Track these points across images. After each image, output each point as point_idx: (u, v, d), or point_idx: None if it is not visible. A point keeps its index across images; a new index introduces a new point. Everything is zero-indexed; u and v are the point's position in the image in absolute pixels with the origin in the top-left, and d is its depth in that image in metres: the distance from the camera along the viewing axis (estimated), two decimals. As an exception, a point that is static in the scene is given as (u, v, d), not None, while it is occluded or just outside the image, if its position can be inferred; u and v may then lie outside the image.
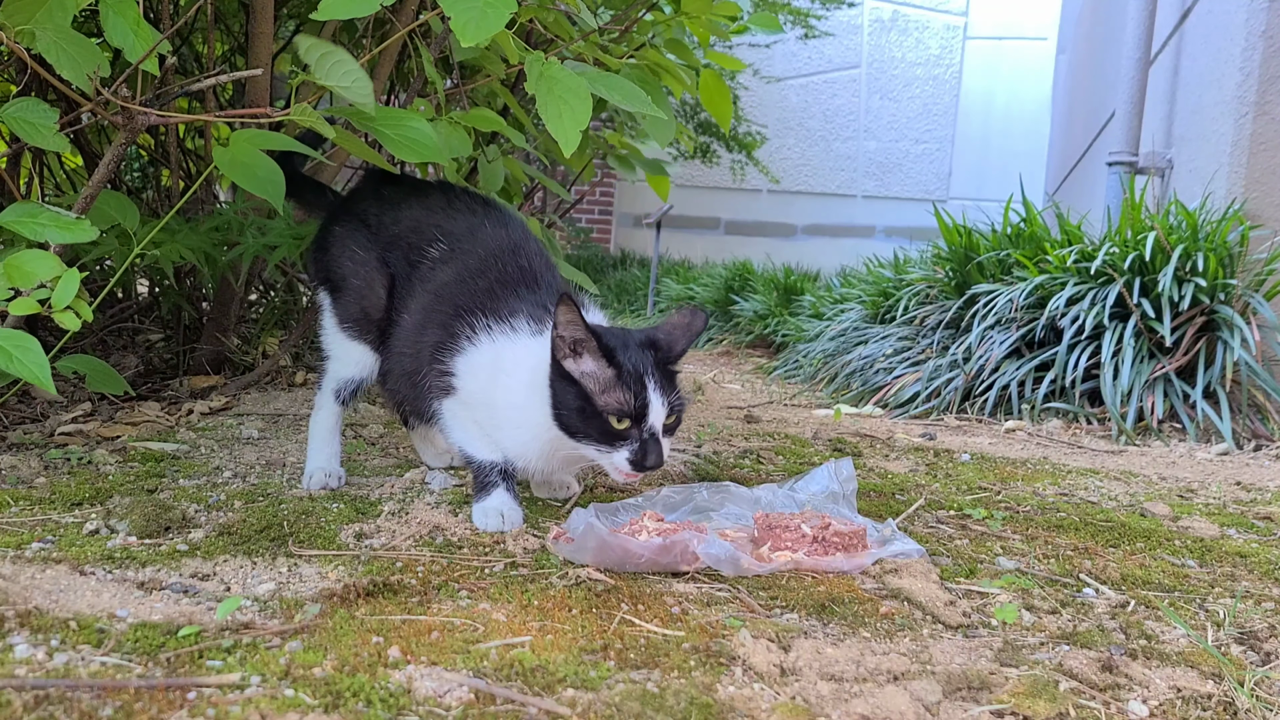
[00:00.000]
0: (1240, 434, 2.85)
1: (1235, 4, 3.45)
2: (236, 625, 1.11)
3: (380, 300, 1.77)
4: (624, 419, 1.46)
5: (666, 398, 1.48)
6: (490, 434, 1.62)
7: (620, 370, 1.47)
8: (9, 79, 2.49)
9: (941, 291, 3.95)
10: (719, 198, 10.39)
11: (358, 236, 1.80)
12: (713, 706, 0.97)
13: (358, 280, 1.78)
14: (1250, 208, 3.30)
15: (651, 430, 1.46)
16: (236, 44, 3.15)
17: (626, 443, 1.47)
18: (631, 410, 1.45)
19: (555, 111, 1.63)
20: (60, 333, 2.24)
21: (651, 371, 1.48)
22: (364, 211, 1.84)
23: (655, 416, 1.46)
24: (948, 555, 1.57)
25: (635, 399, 1.45)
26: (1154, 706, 1.05)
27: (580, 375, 1.48)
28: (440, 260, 1.72)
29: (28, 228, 1.60)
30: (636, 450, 1.46)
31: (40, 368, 1.51)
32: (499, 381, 1.57)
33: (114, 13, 1.61)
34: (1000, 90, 10.00)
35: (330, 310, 1.84)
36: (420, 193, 1.86)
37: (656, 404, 1.46)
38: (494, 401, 1.59)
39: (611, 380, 1.46)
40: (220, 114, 1.74)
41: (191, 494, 1.71)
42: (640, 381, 1.46)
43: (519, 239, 1.76)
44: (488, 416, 1.61)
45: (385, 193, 1.86)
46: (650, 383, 1.47)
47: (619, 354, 1.48)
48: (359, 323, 1.79)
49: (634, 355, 1.49)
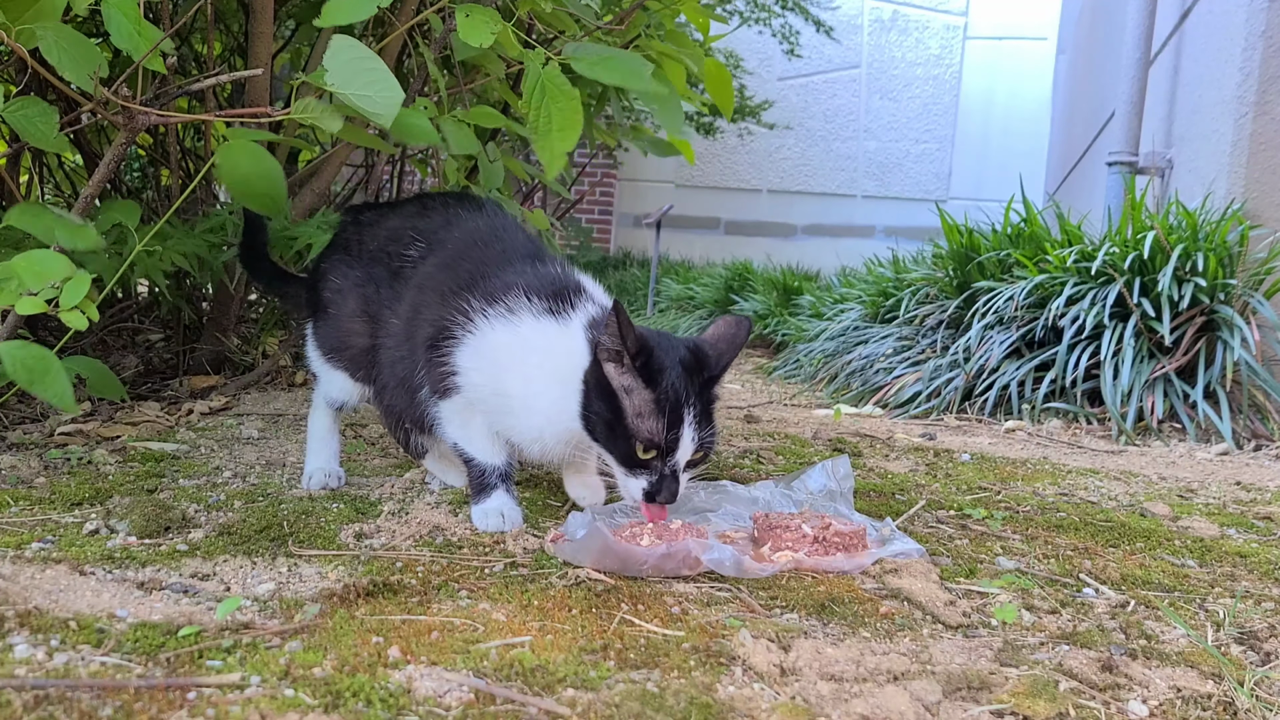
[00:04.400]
0: (1240, 434, 2.85)
1: (1235, 4, 3.45)
2: (236, 625, 1.11)
3: (360, 328, 1.75)
4: (651, 449, 1.42)
5: (699, 433, 1.43)
6: (499, 423, 1.58)
7: (659, 396, 1.41)
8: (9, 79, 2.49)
9: (942, 291, 3.95)
10: (719, 198, 10.39)
11: (338, 267, 1.79)
12: (713, 706, 0.97)
13: (334, 310, 1.78)
14: (1250, 207, 3.30)
15: (674, 466, 1.41)
16: (236, 44, 3.15)
17: (646, 472, 1.43)
18: (661, 443, 1.41)
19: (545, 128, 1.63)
20: (59, 331, 2.24)
21: (692, 400, 1.42)
22: (345, 240, 1.83)
23: (683, 453, 1.41)
24: (948, 555, 1.57)
25: (667, 431, 1.40)
26: (1154, 706, 1.05)
27: (619, 387, 1.43)
28: (420, 258, 1.70)
29: (36, 228, 1.61)
30: (654, 483, 1.41)
31: (63, 388, 1.51)
32: (510, 369, 1.53)
33: (117, 11, 1.61)
34: (1000, 90, 10.00)
35: (312, 338, 1.85)
36: (395, 208, 1.87)
37: (688, 439, 1.41)
38: (505, 391, 1.54)
39: (648, 404, 1.41)
40: (220, 114, 1.75)
41: (191, 494, 1.71)
42: (677, 412, 1.41)
43: (499, 222, 1.73)
44: (498, 405, 1.56)
45: (364, 217, 1.86)
46: (687, 415, 1.41)
47: (661, 377, 1.42)
48: (338, 352, 1.79)
49: (676, 378, 1.43)
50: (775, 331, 5.72)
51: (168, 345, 3.04)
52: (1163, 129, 4.26)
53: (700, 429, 1.43)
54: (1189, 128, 3.93)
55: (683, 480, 1.45)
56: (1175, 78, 4.23)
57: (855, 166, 10.31)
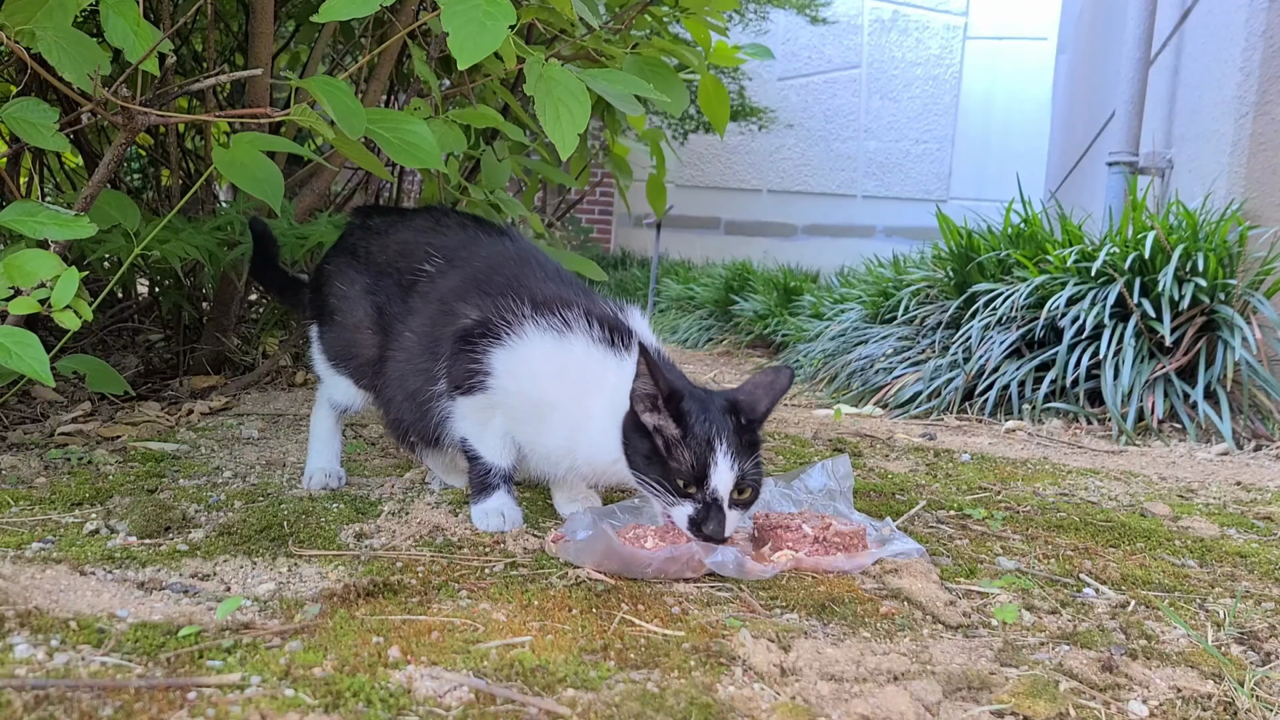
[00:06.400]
0: (1240, 434, 2.85)
1: (1235, 4, 3.45)
2: (236, 625, 1.11)
3: (367, 339, 1.75)
4: (688, 481, 1.41)
5: (739, 465, 1.42)
6: (523, 432, 1.57)
7: (687, 432, 1.42)
8: (9, 79, 2.49)
9: (941, 291, 3.95)
10: (719, 198, 10.39)
11: (346, 272, 1.79)
12: (713, 706, 0.97)
13: (340, 317, 1.78)
14: (1250, 207, 3.30)
15: (715, 496, 1.40)
16: (237, 44, 3.15)
17: (690, 500, 1.41)
18: (691, 474, 1.40)
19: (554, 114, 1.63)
20: (60, 332, 2.24)
21: (725, 437, 1.42)
22: (353, 245, 1.83)
23: (720, 482, 1.40)
24: (948, 555, 1.57)
25: (696, 462, 1.40)
26: (1154, 706, 1.05)
27: (653, 429, 1.44)
28: (438, 274, 1.68)
29: (27, 226, 1.60)
30: (700, 511, 1.40)
31: (39, 362, 1.51)
32: (557, 385, 1.52)
33: (114, 13, 1.61)
34: (1000, 90, 10.00)
35: (317, 342, 1.85)
36: (406, 218, 1.86)
37: (724, 469, 1.40)
38: (548, 403, 1.53)
39: (676, 439, 1.42)
40: (220, 114, 1.75)
41: (191, 494, 1.71)
42: (708, 445, 1.41)
43: (526, 247, 1.73)
44: (529, 414, 1.55)
45: (372, 223, 1.86)
46: (720, 447, 1.41)
47: (692, 417, 1.43)
48: (344, 360, 1.79)
49: (707, 418, 1.43)
50: (775, 331, 5.72)
51: (168, 345, 3.04)
52: (1163, 129, 4.26)
53: (739, 461, 1.42)
54: (1189, 128, 3.93)
55: (731, 518, 1.41)
56: (1175, 78, 4.23)
57: (855, 166, 10.31)
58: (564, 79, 1.66)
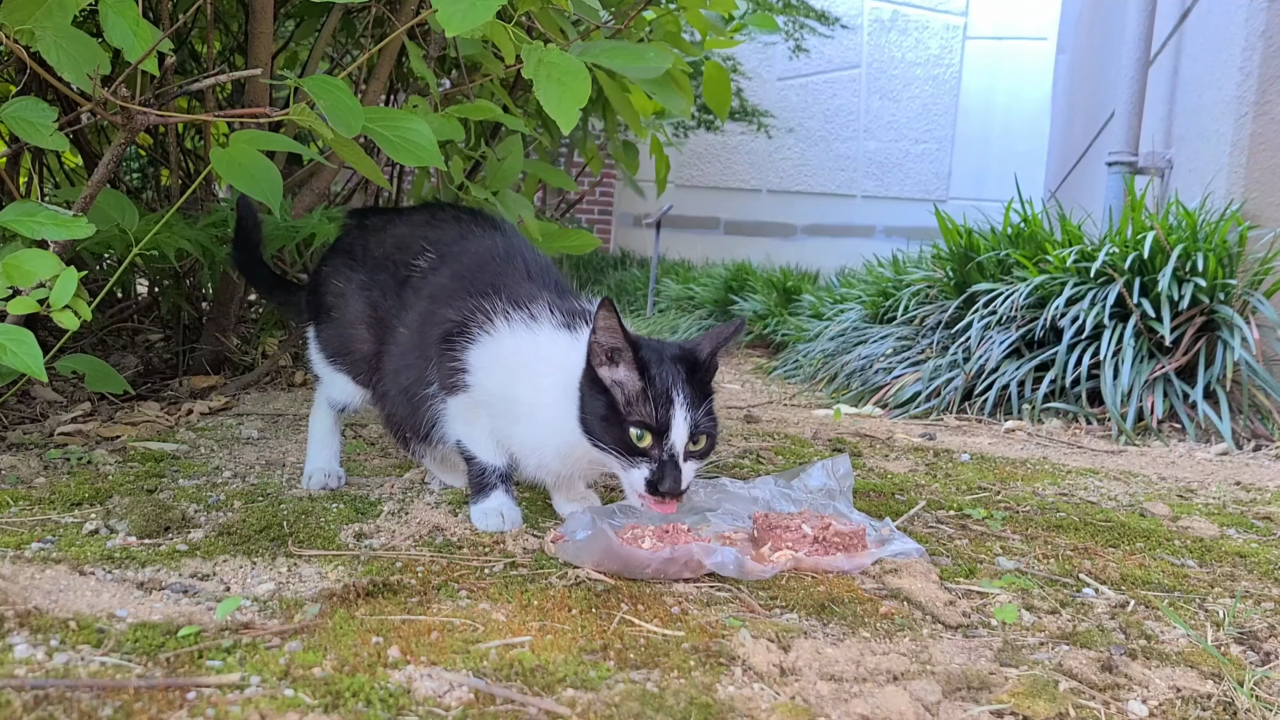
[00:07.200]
0: (1240, 434, 2.85)
1: (1235, 4, 3.45)
2: (236, 625, 1.11)
3: (363, 334, 1.75)
4: (646, 434, 1.42)
5: (692, 414, 1.43)
6: (502, 429, 1.59)
7: (650, 382, 1.43)
8: (8, 79, 2.49)
9: (941, 291, 3.95)
10: (719, 198, 10.39)
11: (342, 270, 1.79)
12: (713, 706, 0.97)
13: (337, 314, 1.78)
14: (1250, 208, 3.30)
15: (672, 451, 1.42)
16: (236, 44, 3.15)
17: (646, 461, 1.43)
18: (654, 424, 1.42)
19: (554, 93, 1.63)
20: (59, 333, 2.24)
21: (681, 387, 1.44)
22: (349, 244, 1.83)
23: (678, 435, 1.42)
24: (947, 555, 1.57)
25: (659, 413, 1.42)
26: (1154, 706, 1.05)
27: (611, 383, 1.45)
28: (430, 269, 1.69)
29: (25, 226, 1.60)
30: (655, 471, 1.42)
31: (34, 359, 1.51)
32: (521, 377, 1.54)
33: (114, 12, 1.61)
34: (1000, 90, 10.00)
35: (314, 340, 1.85)
36: (402, 215, 1.86)
37: (680, 421, 1.42)
38: (514, 396, 1.55)
39: (639, 392, 1.43)
40: (220, 113, 1.74)
41: (191, 494, 1.71)
42: (668, 396, 1.42)
43: (518, 243, 1.74)
44: (504, 410, 1.57)
45: (369, 222, 1.86)
46: (677, 398, 1.43)
47: (652, 367, 1.44)
48: (341, 356, 1.80)
49: (666, 369, 1.45)
50: (775, 331, 5.72)
51: (168, 345, 3.04)
52: (1162, 129, 4.26)
53: (693, 411, 1.44)
54: (1189, 128, 3.93)
55: (685, 471, 1.43)
56: (1175, 78, 4.23)
57: (855, 166, 10.31)
58: (562, 60, 1.65)
